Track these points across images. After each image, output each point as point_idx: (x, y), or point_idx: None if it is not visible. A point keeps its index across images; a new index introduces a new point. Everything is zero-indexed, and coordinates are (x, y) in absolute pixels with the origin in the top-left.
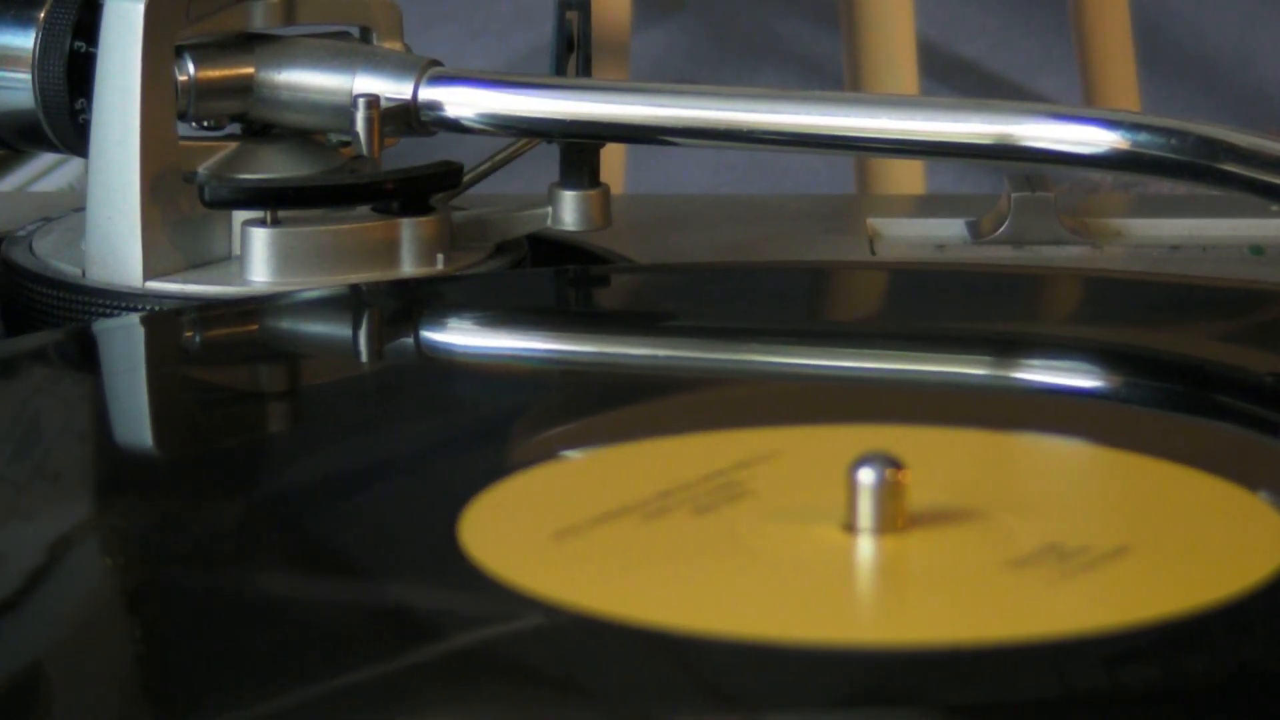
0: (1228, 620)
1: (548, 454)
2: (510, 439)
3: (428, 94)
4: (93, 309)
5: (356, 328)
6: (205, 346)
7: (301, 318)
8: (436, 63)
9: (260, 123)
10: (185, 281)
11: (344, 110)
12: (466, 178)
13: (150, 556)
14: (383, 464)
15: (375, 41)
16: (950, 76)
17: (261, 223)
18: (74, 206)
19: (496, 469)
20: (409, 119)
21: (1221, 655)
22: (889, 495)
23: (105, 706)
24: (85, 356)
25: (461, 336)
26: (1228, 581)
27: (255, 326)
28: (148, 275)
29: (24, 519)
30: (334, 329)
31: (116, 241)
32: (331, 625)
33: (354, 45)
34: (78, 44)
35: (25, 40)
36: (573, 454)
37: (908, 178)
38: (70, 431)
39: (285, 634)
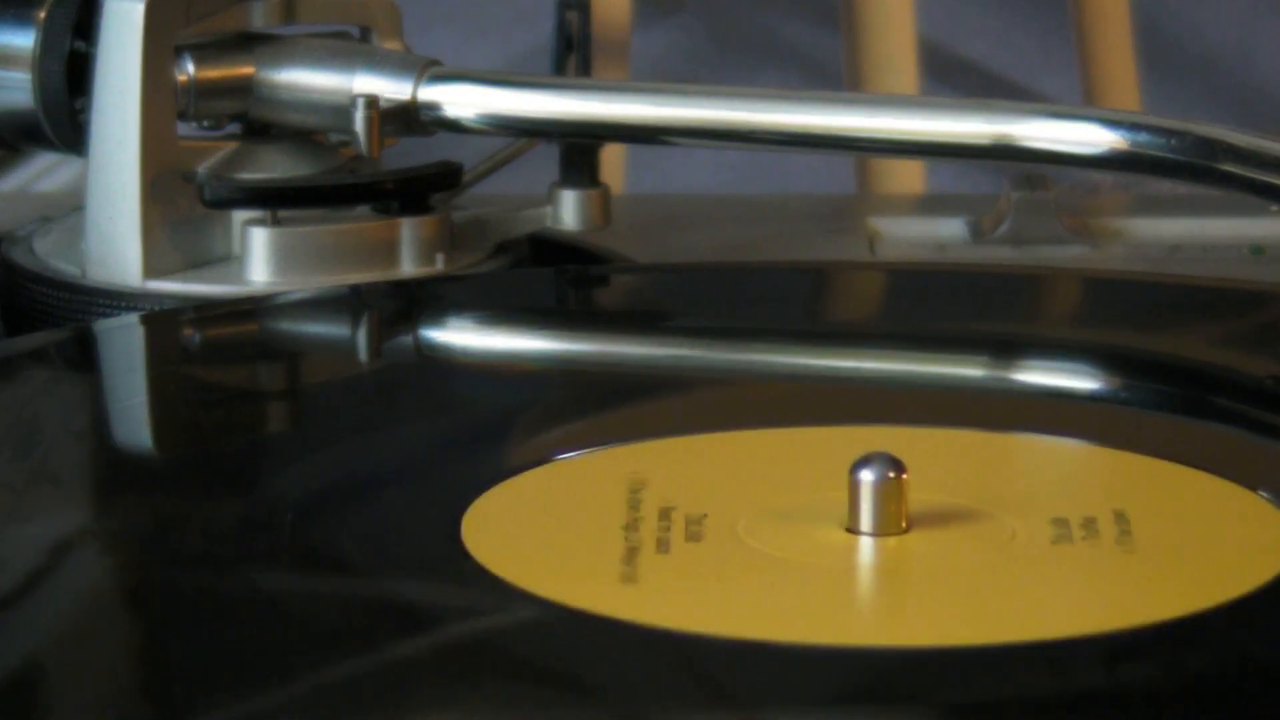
0: (1229, 620)
1: (549, 455)
2: (512, 439)
3: (427, 94)
4: (93, 309)
5: (356, 328)
6: (205, 346)
7: (301, 318)
8: (436, 62)
9: (260, 123)
10: (185, 281)
11: (344, 110)
12: (466, 178)
13: (151, 557)
14: (383, 464)
15: (375, 41)
16: (950, 76)
17: (261, 223)
18: (74, 206)
19: (498, 469)
20: (408, 119)
21: (1223, 655)
22: (889, 496)
23: (107, 707)
24: (85, 356)
25: (461, 336)
26: (1229, 582)
27: (255, 326)
28: (148, 275)
29: (23, 519)
30: (334, 329)
31: (116, 241)
32: (333, 624)
33: (353, 45)
34: (78, 44)
35: (25, 40)
36: (574, 454)
37: (908, 178)
38: (70, 431)
39: (287, 633)
